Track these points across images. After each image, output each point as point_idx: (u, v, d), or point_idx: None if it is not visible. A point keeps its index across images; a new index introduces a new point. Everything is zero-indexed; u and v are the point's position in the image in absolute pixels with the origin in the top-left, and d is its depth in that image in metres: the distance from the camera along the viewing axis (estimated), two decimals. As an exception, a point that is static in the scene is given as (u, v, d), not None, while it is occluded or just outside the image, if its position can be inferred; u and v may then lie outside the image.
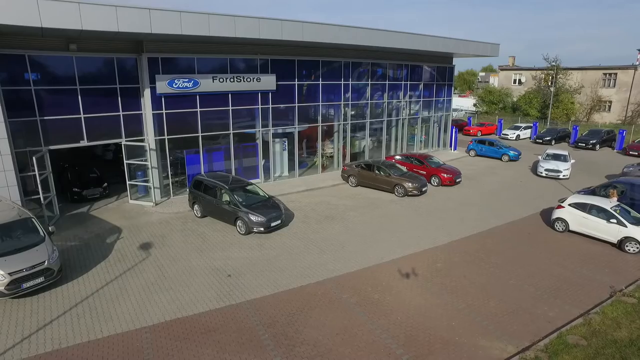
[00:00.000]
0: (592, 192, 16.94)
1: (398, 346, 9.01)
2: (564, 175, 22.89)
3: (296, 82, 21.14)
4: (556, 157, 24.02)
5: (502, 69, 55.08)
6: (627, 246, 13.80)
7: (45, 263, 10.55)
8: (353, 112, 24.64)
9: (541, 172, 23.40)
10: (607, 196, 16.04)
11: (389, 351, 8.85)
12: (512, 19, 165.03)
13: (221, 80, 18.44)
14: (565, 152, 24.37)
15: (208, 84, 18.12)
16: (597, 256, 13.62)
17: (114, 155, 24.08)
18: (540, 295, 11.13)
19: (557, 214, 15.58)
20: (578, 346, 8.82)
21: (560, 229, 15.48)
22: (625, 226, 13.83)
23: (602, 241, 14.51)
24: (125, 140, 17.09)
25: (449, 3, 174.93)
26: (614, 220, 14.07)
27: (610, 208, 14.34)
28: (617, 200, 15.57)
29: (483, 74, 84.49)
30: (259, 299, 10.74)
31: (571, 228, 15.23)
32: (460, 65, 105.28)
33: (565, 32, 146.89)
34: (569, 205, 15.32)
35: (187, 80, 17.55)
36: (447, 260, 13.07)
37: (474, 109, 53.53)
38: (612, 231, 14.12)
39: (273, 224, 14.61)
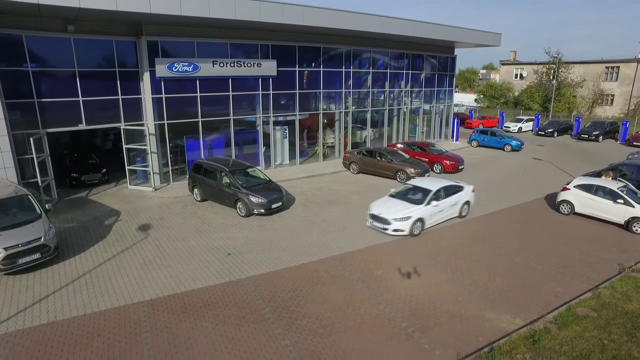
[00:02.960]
0: (597, 174, 16.69)
1: (403, 319, 8.77)
2: (395, 230, 12.60)
3: (297, 69, 20.93)
4: (422, 193, 13.44)
5: (503, 64, 54.83)
6: (634, 226, 13.55)
7: (42, 239, 10.33)
8: (354, 102, 24.43)
9: (367, 221, 13.49)
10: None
11: (393, 324, 8.62)
12: (512, 20, 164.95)
13: (221, 64, 18.23)
14: (434, 187, 13.59)
15: (208, 68, 17.91)
16: (604, 236, 13.37)
17: (113, 145, 23.86)
18: (547, 273, 10.89)
19: (563, 196, 15.33)
20: (588, 317, 8.58)
21: (566, 212, 15.22)
22: (633, 206, 13.58)
23: (609, 223, 14.26)
24: (125, 125, 16.87)
25: (449, 3, 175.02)
26: (621, 201, 13.82)
27: (617, 189, 14.09)
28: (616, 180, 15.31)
29: (484, 71, 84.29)
30: (260, 275, 10.51)
31: (577, 210, 14.97)
32: (461, 63, 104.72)
33: (565, 32, 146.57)
34: (575, 187, 15.08)
35: (186, 64, 17.34)
36: (452, 240, 12.83)
37: (475, 104, 53.28)
38: (619, 212, 13.86)
39: (274, 206, 14.38)
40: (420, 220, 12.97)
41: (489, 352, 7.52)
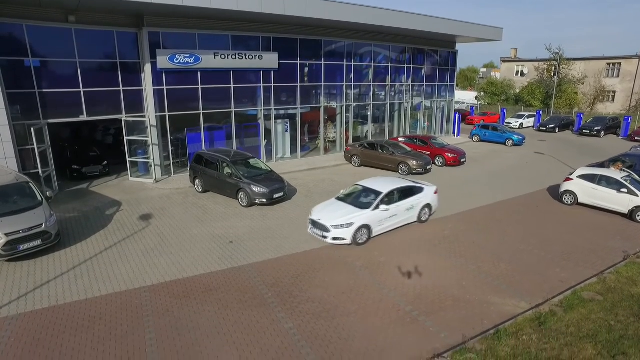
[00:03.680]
0: (600, 165, 16.61)
1: (407, 303, 8.70)
2: (335, 239, 11.08)
3: (298, 62, 20.85)
4: (372, 195, 11.91)
5: (504, 61, 54.69)
6: (638, 216, 13.46)
7: (43, 226, 10.26)
8: (356, 96, 24.37)
9: (307, 227, 12.09)
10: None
11: (398, 308, 8.55)
12: (512, 19, 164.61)
13: (222, 56, 18.17)
14: (385, 189, 12.04)
15: (209, 60, 17.84)
16: (607, 225, 13.30)
17: (114, 139, 23.80)
18: (551, 259, 10.81)
19: (566, 186, 15.25)
20: (594, 301, 8.50)
21: (569, 202, 15.15)
22: (637, 195, 13.50)
23: (613, 212, 14.18)
24: (126, 116, 16.81)
25: (449, 2, 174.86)
26: (625, 190, 13.74)
27: (621, 178, 14.02)
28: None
29: (484, 70, 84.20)
30: (262, 262, 10.45)
31: (580, 200, 14.89)
32: (461, 62, 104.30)
33: (565, 32, 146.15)
34: (578, 177, 15.00)
35: (188, 55, 17.27)
36: (455, 229, 12.76)
37: (476, 101, 53.17)
38: (622, 201, 13.78)
39: (276, 196, 14.30)
40: (366, 227, 11.30)
41: (495, 334, 7.45)
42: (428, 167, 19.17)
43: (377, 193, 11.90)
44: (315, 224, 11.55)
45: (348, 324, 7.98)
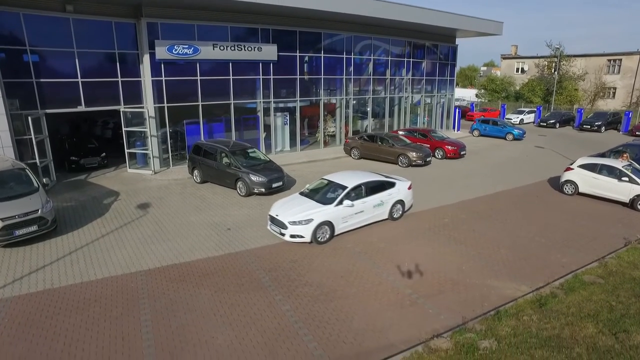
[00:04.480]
0: (601, 155, 16.50)
1: (406, 287, 8.61)
2: (293, 236, 10.36)
3: (297, 54, 20.77)
4: (338, 190, 11.15)
5: (504, 58, 54.57)
6: (639, 204, 13.35)
7: (39, 212, 10.19)
8: (355, 90, 24.28)
9: (268, 225, 11.20)
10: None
11: (397, 291, 8.45)
12: (512, 19, 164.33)
13: (222, 48, 18.08)
14: (351, 183, 11.25)
15: (208, 51, 17.76)
16: (608, 214, 13.20)
17: (113, 133, 23.72)
18: (552, 245, 10.71)
19: (566, 176, 15.15)
20: (595, 283, 8.40)
21: (570, 192, 15.04)
22: (638, 184, 13.39)
23: (614, 202, 14.07)
24: (124, 107, 16.73)
25: (450, 1, 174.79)
26: (626, 179, 13.64)
27: (622, 167, 13.91)
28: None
29: (485, 68, 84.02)
30: (260, 248, 10.36)
31: (581, 190, 14.78)
32: (462, 61, 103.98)
33: (566, 32, 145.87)
34: (579, 166, 14.90)
35: (186, 46, 17.19)
36: (455, 217, 12.66)
37: (476, 99, 53.04)
38: (624, 190, 13.67)
39: (274, 185, 14.21)
40: (328, 224, 10.49)
41: (495, 315, 7.35)
42: (428, 159, 19.08)
43: (343, 187, 11.12)
44: (273, 219, 10.78)
45: (346, 306, 7.89)
